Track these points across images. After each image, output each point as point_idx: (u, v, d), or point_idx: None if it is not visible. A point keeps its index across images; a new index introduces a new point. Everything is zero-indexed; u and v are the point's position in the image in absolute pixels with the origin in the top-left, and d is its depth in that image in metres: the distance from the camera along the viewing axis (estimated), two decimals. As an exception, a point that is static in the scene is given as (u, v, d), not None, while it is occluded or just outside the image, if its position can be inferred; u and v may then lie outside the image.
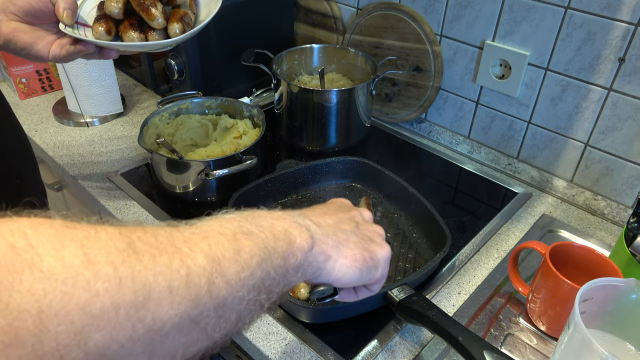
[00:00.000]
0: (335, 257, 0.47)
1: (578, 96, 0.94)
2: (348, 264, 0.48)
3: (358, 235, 0.51)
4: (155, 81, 1.28)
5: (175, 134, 1.03)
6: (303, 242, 0.43)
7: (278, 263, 0.39)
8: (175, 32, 0.74)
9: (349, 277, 0.48)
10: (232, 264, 0.35)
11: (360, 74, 1.19)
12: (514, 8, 0.95)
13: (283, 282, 0.40)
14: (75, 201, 1.23)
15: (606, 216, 0.98)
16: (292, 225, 0.43)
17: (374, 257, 0.50)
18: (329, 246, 0.46)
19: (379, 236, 0.54)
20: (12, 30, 0.67)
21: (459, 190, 1.06)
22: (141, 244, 0.31)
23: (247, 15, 1.20)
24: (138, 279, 0.29)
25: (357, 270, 0.48)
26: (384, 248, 0.52)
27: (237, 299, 0.35)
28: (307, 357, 0.70)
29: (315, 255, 0.44)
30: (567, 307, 0.66)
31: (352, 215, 0.54)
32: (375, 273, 0.51)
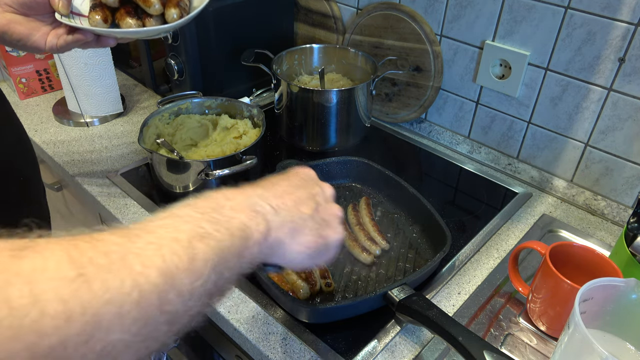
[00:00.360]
0: (288, 243, 0.47)
1: (578, 96, 0.94)
2: (300, 250, 0.48)
3: (315, 220, 0.50)
4: (155, 81, 1.28)
5: (175, 134, 1.03)
6: (259, 235, 0.42)
7: (233, 262, 0.39)
8: (173, 18, 0.74)
9: (299, 262, 0.49)
10: (186, 275, 0.35)
11: (360, 74, 1.19)
12: (514, 8, 0.95)
13: (235, 276, 0.40)
14: (75, 201, 1.23)
15: (606, 216, 0.98)
16: (249, 217, 0.42)
17: (327, 242, 0.51)
18: (285, 233, 0.46)
19: (336, 219, 0.53)
20: (7, 22, 0.67)
21: (459, 190, 1.06)
22: (92, 269, 0.30)
23: (247, 15, 1.20)
24: (88, 310, 0.29)
25: (307, 257, 0.49)
26: (337, 232, 0.52)
27: (189, 307, 0.35)
28: (307, 357, 0.70)
29: (269, 243, 0.44)
30: (567, 307, 0.66)
31: (314, 194, 0.52)
32: (326, 256, 0.52)
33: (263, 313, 0.75)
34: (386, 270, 0.83)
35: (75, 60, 1.11)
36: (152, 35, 0.77)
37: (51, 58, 1.28)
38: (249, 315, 0.75)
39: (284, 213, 0.47)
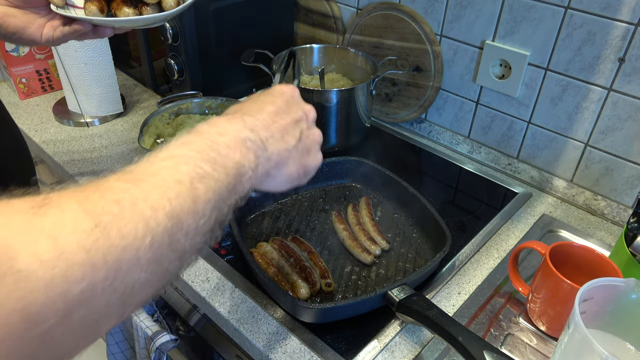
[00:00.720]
0: (273, 175, 0.50)
1: (578, 96, 0.94)
2: (283, 179, 0.51)
3: (299, 150, 0.53)
4: (155, 81, 1.28)
5: (175, 134, 1.03)
6: (251, 171, 0.45)
7: (229, 198, 0.42)
8: (171, 5, 0.74)
9: (280, 188, 0.52)
10: (191, 216, 0.37)
11: (360, 74, 1.19)
12: (514, 8, 0.95)
13: (231, 209, 0.43)
14: (75, 201, 1.23)
15: (606, 216, 0.98)
16: (242, 154, 0.45)
17: (307, 170, 0.54)
18: (271, 166, 0.49)
19: (317, 144, 0.56)
20: (2, 14, 0.67)
21: (459, 190, 1.06)
22: (107, 217, 0.32)
23: (247, 15, 1.20)
24: (109, 257, 0.31)
25: (288, 184, 0.52)
26: (316, 160, 0.55)
27: (195, 243, 0.39)
28: (307, 357, 0.70)
29: (258, 175, 0.47)
30: (567, 307, 0.66)
31: (298, 119, 0.54)
32: (303, 180, 0.54)
33: (263, 313, 0.75)
34: (386, 270, 0.83)
35: (75, 60, 1.11)
36: (149, 23, 0.77)
37: (51, 58, 1.28)
38: (249, 315, 0.75)
39: (271, 146, 0.49)
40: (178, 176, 0.38)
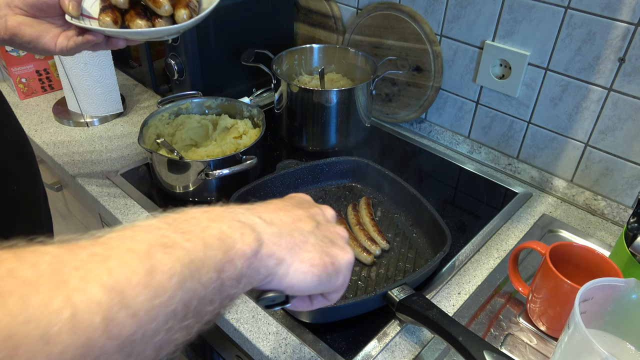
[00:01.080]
0: (289, 261, 0.40)
1: (578, 96, 0.94)
2: (305, 269, 0.41)
3: (318, 237, 0.44)
4: (155, 81, 1.28)
5: (175, 134, 1.03)
6: (245, 247, 0.36)
7: (209, 277, 0.33)
8: (183, 18, 0.74)
9: (305, 285, 0.41)
10: (141, 291, 0.29)
11: (360, 74, 1.19)
12: (514, 8, 0.95)
13: (219, 298, 0.34)
14: (75, 201, 1.23)
15: (606, 216, 0.98)
16: (232, 226, 0.37)
17: (335, 262, 0.43)
18: (282, 248, 0.40)
19: (342, 239, 0.47)
20: (17, 24, 0.67)
21: (459, 190, 1.06)
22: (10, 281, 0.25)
23: (247, 15, 1.20)
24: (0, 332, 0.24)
25: (315, 277, 0.41)
26: (347, 252, 0.45)
27: (150, 332, 0.29)
28: (307, 357, 0.70)
29: (263, 259, 0.38)
30: (567, 307, 0.66)
31: (313, 213, 0.47)
32: (336, 281, 0.44)
33: (263, 313, 0.75)
34: (386, 270, 0.83)
35: (75, 60, 1.11)
36: (162, 36, 0.77)
37: (51, 58, 1.28)
38: (249, 315, 0.75)
39: (279, 226, 0.41)
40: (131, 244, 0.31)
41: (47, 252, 0.28)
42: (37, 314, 0.25)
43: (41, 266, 0.27)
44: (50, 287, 0.26)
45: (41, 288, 0.26)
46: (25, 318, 0.25)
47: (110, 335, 0.27)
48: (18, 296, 0.25)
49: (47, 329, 0.25)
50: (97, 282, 0.28)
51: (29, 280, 0.26)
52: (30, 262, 0.27)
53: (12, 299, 0.25)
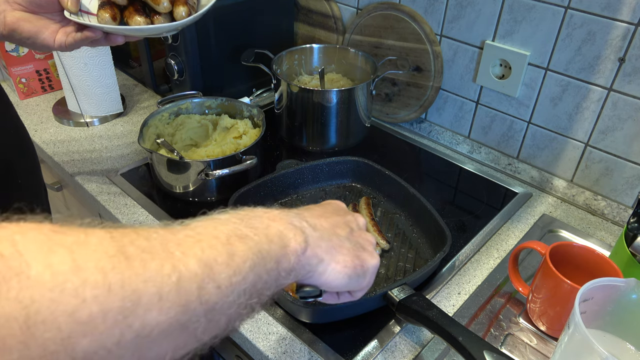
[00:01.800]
0: (327, 261, 0.47)
1: (578, 96, 0.94)
2: (339, 269, 0.48)
3: (351, 242, 0.51)
4: (155, 81, 1.28)
5: (175, 134, 1.03)
6: (297, 245, 0.43)
7: (271, 266, 0.39)
8: (182, 15, 0.74)
9: (338, 282, 0.48)
10: (225, 269, 0.35)
11: (360, 74, 1.19)
12: (514, 8, 0.95)
13: (275, 284, 0.40)
14: (75, 201, 1.23)
15: (606, 216, 0.98)
16: (287, 228, 0.43)
17: (364, 265, 0.51)
18: (322, 249, 0.46)
19: (371, 245, 0.54)
20: (16, 19, 0.67)
21: (459, 190, 1.06)
22: (132, 249, 0.31)
23: (247, 15, 1.20)
24: (128, 285, 0.29)
25: (346, 277, 0.48)
26: (374, 257, 0.53)
27: (227, 304, 0.35)
28: (307, 357, 0.70)
29: (308, 257, 0.44)
30: (567, 307, 0.66)
31: (348, 220, 0.54)
32: (363, 281, 0.51)
33: (263, 313, 0.75)
34: (386, 270, 0.83)
35: (75, 60, 1.11)
36: (160, 32, 0.77)
37: (51, 58, 1.28)
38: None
39: (321, 231, 0.48)
40: (215, 232, 0.37)
41: (154, 231, 0.34)
42: (154, 276, 0.31)
43: (152, 240, 0.33)
44: (162, 257, 0.32)
45: (155, 256, 0.32)
46: (145, 278, 0.30)
47: (202, 301, 0.33)
48: (140, 260, 0.31)
49: (161, 287, 0.31)
50: (194, 257, 0.33)
51: (146, 249, 0.32)
52: (144, 236, 0.33)
53: (136, 262, 0.30)
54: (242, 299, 0.36)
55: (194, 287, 0.32)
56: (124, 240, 0.31)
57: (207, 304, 0.33)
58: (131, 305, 0.29)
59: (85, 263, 0.28)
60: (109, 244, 0.30)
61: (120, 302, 0.29)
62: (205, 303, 0.33)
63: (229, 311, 0.35)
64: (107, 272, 0.29)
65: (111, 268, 0.29)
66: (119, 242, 0.31)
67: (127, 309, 0.29)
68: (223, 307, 0.35)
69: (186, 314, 0.32)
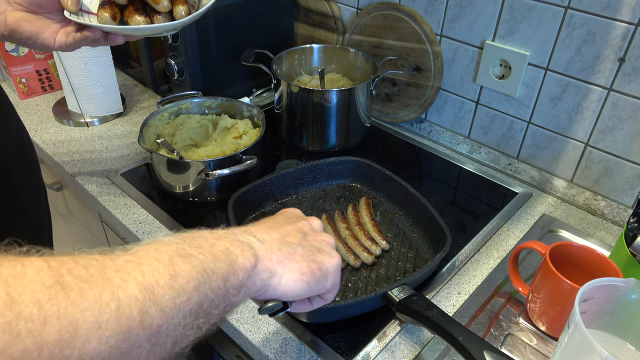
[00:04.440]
0: (280, 273, 0.46)
1: (578, 96, 0.94)
2: (295, 277, 0.47)
3: (305, 247, 0.50)
4: (155, 81, 1.28)
5: (175, 134, 1.03)
6: (245, 261, 0.42)
7: (217, 285, 0.39)
8: (181, 14, 0.74)
9: (297, 291, 0.48)
10: (167, 291, 0.34)
11: (360, 74, 1.19)
12: (514, 8, 0.95)
13: (223, 303, 0.40)
14: (75, 201, 1.23)
15: (606, 216, 0.98)
16: (233, 244, 0.42)
17: (322, 267, 0.50)
18: (274, 262, 0.46)
19: (328, 245, 0.53)
20: (17, 20, 0.67)
21: (459, 190, 1.06)
22: (70, 278, 0.30)
23: (247, 15, 1.20)
24: (64, 317, 0.28)
25: (304, 284, 0.48)
26: (333, 257, 0.52)
27: (172, 326, 0.35)
28: (307, 357, 0.70)
29: (259, 272, 0.44)
30: (567, 307, 0.66)
31: (300, 227, 0.54)
32: (325, 283, 0.50)
33: (263, 313, 0.75)
34: (386, 270, 0.83)
35: (75, 60, 1.12)
36: (160, 32, 0.77)
37: (51, 58, 1.28)
38: (248, 315, 0.75)
39: (270, 243, 0.47)
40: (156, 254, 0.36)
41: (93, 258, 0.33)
42: (92, 305, 0.30)
43: (91, 268, 0.32)
44: (100, 284, 0.31)
45: (93, 284, 0.31)
46: (82, 307, 0.30)
47: (144, 326, 0.33)
48: (78, 290, 0.30)
49: (99, 316, 0.30)
50: (134, 282, 0.33)
51: (84, 278, 0.31)
52: (82, 264, 0.32)
53: (73, 292, 0.30)
54: (188, 320, 0.36)
55: (135, 313, 0.32)
56: (61, 270, 0.30)
57: (151, 328, 0.33)
58: (68, 337, 0.28)
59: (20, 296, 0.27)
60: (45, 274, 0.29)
61: (56, 334, 0.28)
62: (148, 327, 0.33)
63: (175, 333, 0.35)
64: (43, 304, 0.28)
65: (47, 299, 0.28)
66: (57, 271, 0.30)
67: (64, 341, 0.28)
68: (168, 329, 0.34)
69: (128, 341, 0.32)
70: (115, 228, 1.00)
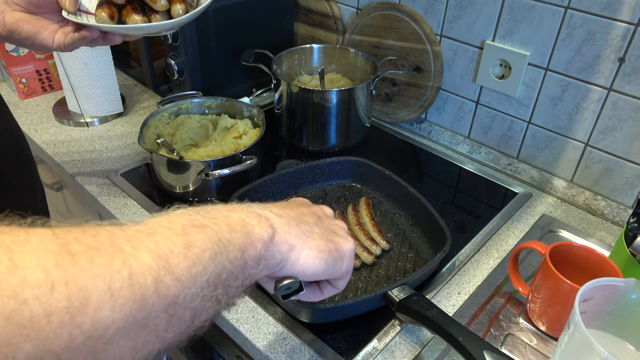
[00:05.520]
0: (299, 247, 0.45)
1: (578, 96, 0.94)
2: (313, 254, 0.46)
3: (321, 227, 0.50)
4: (155, 81, 1.28)
5: (175, 134, 1.03)
6: (262, 232, 0.41)
7: (234, 255, 0.38)
8: (179, 13, 0.74)
9: (315, 269, 0.46)
10: (182, 260, 0.33)
11: (360, 74, 1.19)
12: (514, 8, 0.95)
13: (242, 275, 0.38)
14: (75, 201, 1.23)
15: (606, 216, 0.98)
16: (250, 215, 0.41)
17: (339, 248, 0.49)
18: (292, 235, 0.45)
19: (342, 229, 0.53)
20: (15, 20, 0.67)
21: (459, 190, 1.06)
22: (77, 245, 0.29)
23: (247, 15, 1.20)
24: (73, 283, 0.27)
25: (322, 262, 0.46)
26: (348, 241, 0.51)
27: (189, 296, 0.33)
28: (307, 357, 0.70)
29: (277, 244, 0.42)
30: (567, 307, 0.66)
31: (314, 210, 0.53)
32: (341, 265, 0.49)
33: (263, 313, 0.75)
34: (386, 270, 0.83)
35: (75, 60, 1.12)
36: (158, 31, 0.77)
37: (51, 58, 1.28)
38: (248, 315, 0.75)
39: (287, 219, 0.46)
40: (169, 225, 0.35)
41: (102, 227, 0.32)
42: (103, 271, 0.29)
43: (99, 237, 0.31)
44: (110, 252, 0.30)
45: (103, 252, 0.30)
46: (93, 274, 0.28)
47: (160, 295, 0.31)
48: (86, 256, 0.29)
49: (111, 283, 0.29)
50: (146, 250, 0.32)
51: (92, 245, 0.30)
52: (90, 233, 0.31)
53: (82, 258, 0.28)
54: (206, 291, 0.35)
55: (149, 281, 0.31)
56: (67, 238, 0.29)
57: (167, 298, 0.32)
58: (79, 304, 0.27)
59: (24, 261, 0.26)
60: (50, 241, 0.28)
61: (65, 301, 0.26)
62: (164, 297, 0.31)
63: (193, 304, 0.34)
64: (49, 270, 0.27)
65: (54, 265, 0.27)
66: (63, 239, 0.29)
67: (74, 308, 0.27)
68: (186, 300, 0.33)
69: (144, 310, 0.30)
70: (115, 228, 1.00)
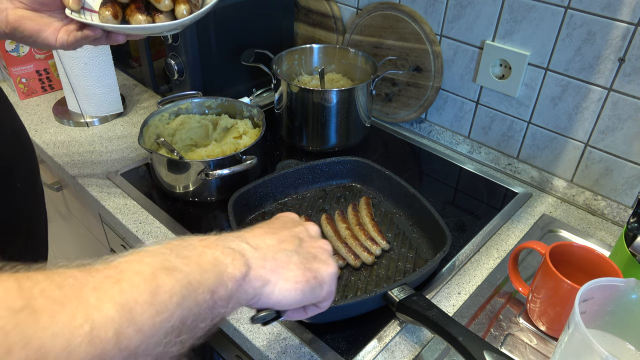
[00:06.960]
0: (274, 281, 0.45)
1: (578, 96, 0.94)
2: (289, 286, 0.45)
3: (300, 254, 0.49)
4: (155, 81, 1.28)
5: (175, 134, 1.03)
6: (235, 270, 0.41)
7: (203, 298, 0.37)
8: (183, 14, 0.74)
9: (291, 300, 0.46)
10: (147, 309, 0.33)
11: (360, 74, 1.19)
12: (514, 8, 0.95)
13: (211, 315, 0.38)
14: (75, 201, 1.23)
15: (606, 216, 0.98)
16: (224, 252, 0.41)
17: (318, 276, 0.48)
18: (267, 270, 0.44)
19: (324, 252, 0.52)
20: (18, 17, 0.67)
21: (459, 190, 1.06)
22: (42, 300, 0.29)
23: (247, 15, 1.20)
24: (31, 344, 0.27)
25: (299, 292, 0.46)
26: (329, 265, 0.50)
27: (152, 345, 0.33)
28: (307, 357, 0.70)
29: (251, 281, 0.42)
30: (567, 307, 0.66)
31: (296, 232, 0.52)
32: (320, 292, 0.49)
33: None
34: (386, 270, 0.83)
35: (75, 60, 1.12)
36: (162, 31, 0.77)
37: (51, 58, 1.28)
38: (249, 315, 0.75)
39: (264, 250, 0.45)
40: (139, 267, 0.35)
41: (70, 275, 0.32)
42: (63, 329, 0.29)
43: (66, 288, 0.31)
44: (74, 306, 0.30)
45: (67, 306, 0.30)
46: (53, 332, 0.28)
47: (120, 347, 0.31)
48: (49, 313, 0.29)
49: (70, 341, 0.29)
50: (110, 301, 0.32)
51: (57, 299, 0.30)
52: (57, 283, 0.31)
53: (45, 315, 0.29)
54: (170, 337, 0.35)
55: (110, 334, 0.31)
56: (33, 291, 0.29)
57: (128, 349, 0.32)
58: None
59: None
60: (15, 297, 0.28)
61: None
62: (125, 349, 0.31)
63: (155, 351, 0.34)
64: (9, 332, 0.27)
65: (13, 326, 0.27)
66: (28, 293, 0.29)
67: None
68: (148, 349, 0.33)
69: None
70: (115, 228, 1.00)
